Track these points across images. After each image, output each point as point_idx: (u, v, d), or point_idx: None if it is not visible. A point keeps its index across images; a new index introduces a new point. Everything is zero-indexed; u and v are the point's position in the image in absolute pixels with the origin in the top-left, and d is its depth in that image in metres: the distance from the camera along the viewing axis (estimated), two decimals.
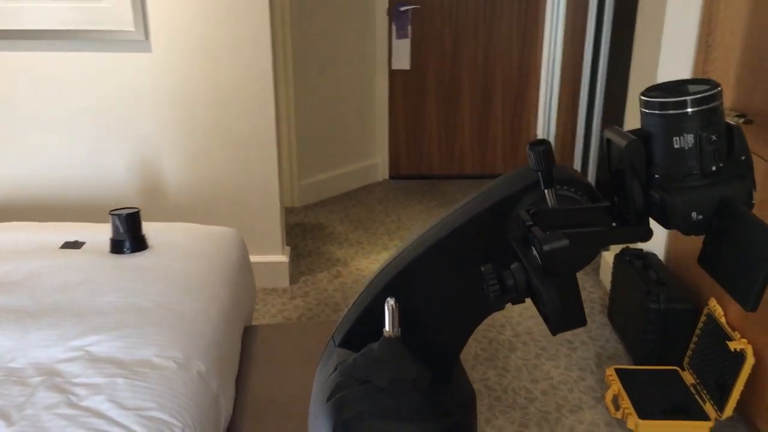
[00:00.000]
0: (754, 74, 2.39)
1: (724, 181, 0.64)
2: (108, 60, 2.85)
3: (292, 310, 3.06)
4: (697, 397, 2.35)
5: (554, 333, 0.66)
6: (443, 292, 0.77)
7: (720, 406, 2.25)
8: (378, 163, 4.59)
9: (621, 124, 3.18)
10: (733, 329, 2.29)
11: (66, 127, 2.94)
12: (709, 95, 0.63)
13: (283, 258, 3.25)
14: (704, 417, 2.27)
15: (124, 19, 2.76)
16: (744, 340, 2.21)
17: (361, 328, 0.77)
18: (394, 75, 4.42)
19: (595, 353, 2.74)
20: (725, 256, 0.63)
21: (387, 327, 0.73)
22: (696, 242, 2.60)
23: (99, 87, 2.89)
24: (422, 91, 4.48)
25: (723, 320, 2.33)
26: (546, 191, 0.70)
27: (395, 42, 4.33)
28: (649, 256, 2.78)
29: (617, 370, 2.47)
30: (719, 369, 2.29)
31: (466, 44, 4.38)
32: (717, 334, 2.34)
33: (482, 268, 0.68)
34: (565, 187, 0.72)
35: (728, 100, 2.54)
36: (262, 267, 3.21)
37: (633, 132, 0.67)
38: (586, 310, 3.00)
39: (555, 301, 0.62)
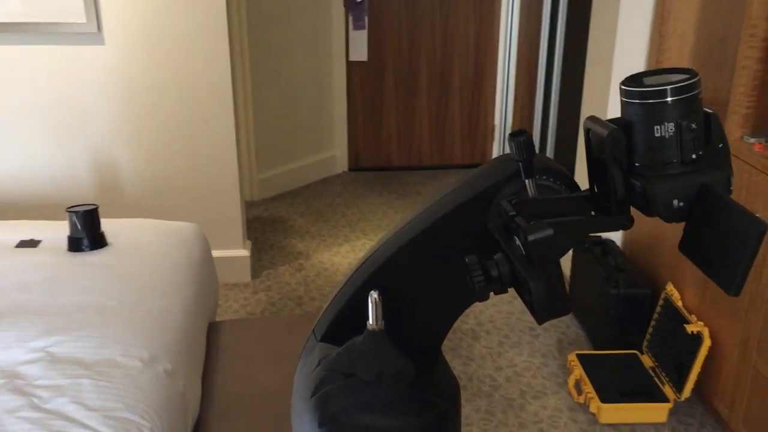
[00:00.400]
0: (705, 64, 2.45)
1: (703, 168, 0.66)
2: (59, 53, 2.77)
3: (255, 305, 3.03)
4: (656, 379, 2.41)
5: (540, 322, 0.66)
6: (426, 284, 0.77)
7: (678, 388, 2.30)
8: (337, 155, 4.58)
9: (577, 113, 3.22)
10: (690, 312, 2.35)
11: (16, 123, 2.86)
12: (689, 84, 0.65)
13: (245, 252, 3.22)
14: (663, 399, 2.33)
15: (75, 11, 2.69)
16: (701, 323, 2.27)
17: (343, 322, 0.76)
18: (351, 66, 4.40)
19: (556, 340, 2.78)
20: (707, 242, 0.65)
21: (370, 320, 0.72)
22: (651, 228, 2.66)
23: (50, 81, 2.81)
24: (380, 83, 4.47)
25: (680, 304, 2.39)
26: (527, 181, 0.71)
27: (352, 33, 4.31)
28: (608, 243, 2.83)
29: (579, 356, 2.51)
30: (677, 352, 2.35)
31: (424, 35, 4.39)
32: (674, 318, 2.40)
33: (466, 259, 0.69)
34: (544, 177, 0.73)
35: None
36: (223, 262, 3.17)
37: (613, 121, 0.68)
38: None
39: (541, 290, 0.62)
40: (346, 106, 4.47)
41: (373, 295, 0.72)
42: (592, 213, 0.70)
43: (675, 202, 0.66)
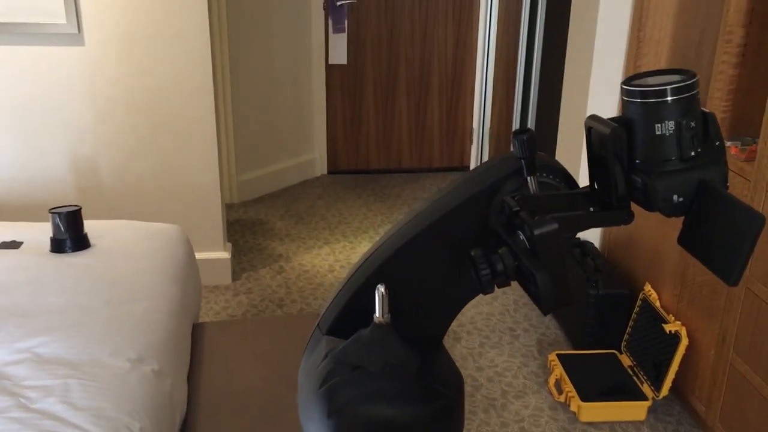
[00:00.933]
0: (683, 64, 2.50)
1: (701, 165, 0.68)
2: (39, 54, 2.74)
3: (236, 307, 3.03)
4: (635, 378, 2.46)
5: (546, 313, 0.68)
6: (431, 277, 0.78)
7: (657, 387, 2.35)
8: (316, 158, 4.58)
9: (556, 116, 3.27)
10: (668, 312, 2.40)
11: None
12: (689, 84, 0.67)
13: (225, 254, 3.21)
14: (642, 397, 2.37)
15: (55, 12, 2.67)
16: (678, 323, 2.32)
17: (349, 315, 0.78)
18: (331, 70, 4.41)
19: (536, 340, 2.82)
20: (706, 235, 0.67)
21: (377, 313, 0.74)
22: (630, 229, 2.71)
23: (30, 82, 2.78)
24: (359, 86, 4.49)
25: (657, 304, 2.44)
26: (528, 178, 0.73)
27: (332, 36, 4.32)
28: (587, 245, 2.87)
29: (559, 356, 2.55)
30: (655, 351, 2.39)
31: (403, 39, 4.42)
32: (652, 318, 2.44)
33: (472, 253, 0.70)
34: (545, 174, 0.75)
35: None
36: (204, 264, 3.16)
37: (613, 120, 0.70)
38: (526, 300, 3.08)
39: (547, 283, 0.64)
40: (326, 109, 4.48)
41: (380, 288, 0.73)
42: (592, 209, 0.73)
43: (675, 197, 0.69)
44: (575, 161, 2.96)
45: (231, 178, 4.05)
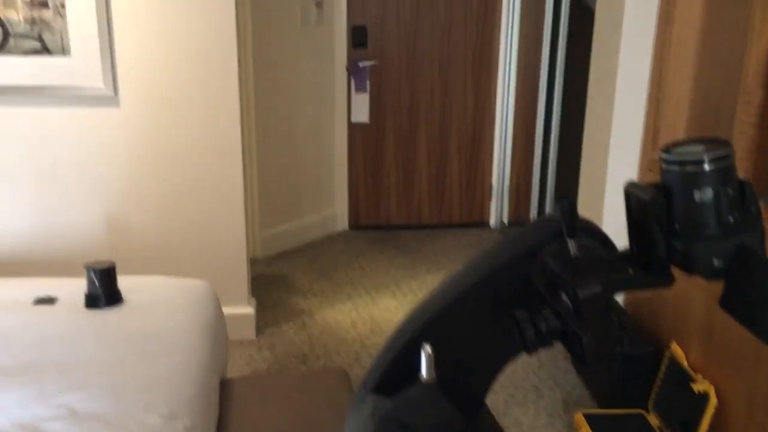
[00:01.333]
0: (701, 129, 2.55)
1: (739, 230, 0.72)
2: (76, 115, 2.84)
3: (261, 362, 3.04)
4: None
5: (590, 368, 0.71)
6: (474, 337, 0.81)
7: None
8: (338, 213, 4.64)
9: (576, 172, 3.30)
10: (695, 371, 2.38)
11: (32, 182, 2.91)
12: (725, 155, 0.71)
13: (249, 310, 3.24)
14: None
15: (93, 75, 2.78)
16: (706, 382, 2.30)
17: (394, 373, 0.80)
18: (353, 128, 4.50)
19: (562, 399, 2.79)
20: (747, 298, 0.70)
21: (424, 372, 0.76)
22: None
23: (66, 142, 2.87)
24: (381, 143, 4.57)
25: (685, 363, 2.42)
26: (569, 240, 0.76)
27: (354, 96, 4.43)
28: (611, 301, 2.87)
29: (585, 416, 2.53)
30: (684, 411, 2.37)
31: (423, 98, 4.51)
32: (680, 376, 2.43)
33: (516, 314, 0.73)
34: (584, 237, 0.78)
35: None
36: (228, 319, 3.17)
37: (652, 185, 0.74)
38: (550, 357, 3.06)
39: (592, 343, 0.67)
40: (347, 166, 4.56)
41: (426, 347, 0.76)
42: (631, 271, 0.76)
43: (714, 261, 0.72)
44: (596, 216, 2.98)
45: (255, 233, 4.11)
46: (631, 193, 0.75)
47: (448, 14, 4.41)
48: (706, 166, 0.70)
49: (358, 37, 4.36)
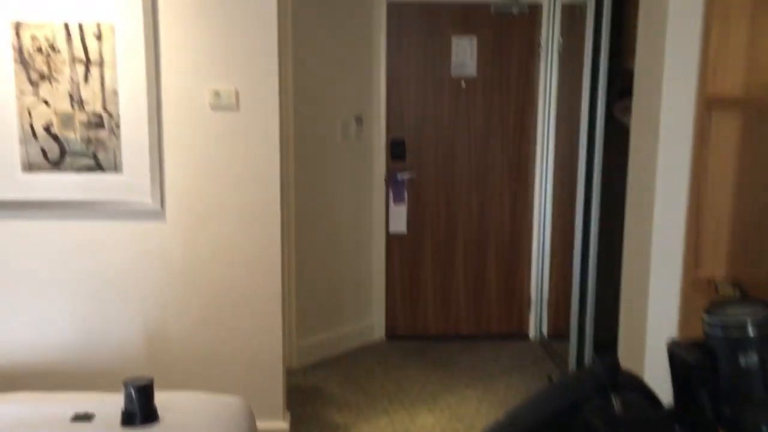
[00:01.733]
0: (741, 251, 2.52)
1: None
2: (124, 228, 2.94)
3: None
4: None
5: None
6: None
7: None
8: (375, 323, 4.62)
9: (617, 287, 3.25)
10: None
11: (75, 293, 2.98)
12: None
13: (284, 425, 3.19)
14: None
15: (142, 191, 2.89)
16: None
17: None
18: (391, 238, 4.55)
19: None
20: None
21: None
22: None
23: (112, 254, 2.96)
24: (418, 254, 4.60)
25: None
26: (612, 395, 0.75)
27: (392, 207, 4.50)
28: None
29: None
30: None
31: (460, 209, 4.57)
32: None
33: None
34: (628, 391, 0.77)
35: (721, 268, 2.65)
36: None
37: (697, 344, 0.73)
38: None
39: None
40: (385, 275, 4.58)
41: None
42: (679, 429, 0.74)
43: (765, 429, 0.70)
44: (638, 337, 2.92)
45: (292, 342, 4.10)
46: (674, 353, 0.74)
47: (486, 128, 4.52)
48: (751, 332, 0.69)
49: (396, 150, 4.48)
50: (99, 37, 2.81)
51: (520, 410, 0.81)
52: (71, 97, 2.83)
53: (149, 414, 2.09)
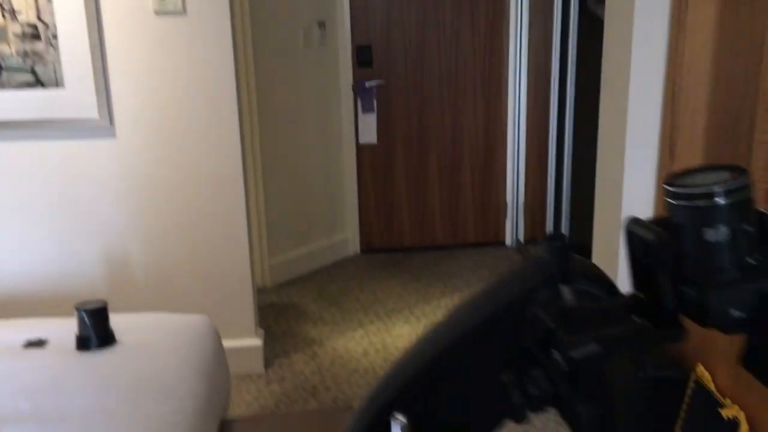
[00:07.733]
0: (719, 141, 2.42)
1: (761, 274, 0.60)
2: (70, 148, 2.78)
3: (269, 397, 2.93)
4: None
5: None
6: (455, 403, 0.70)
7: None
8: (349, 237, 4.54)
9: (591, 185, 3.18)
10: (724, 395, 2.24)
11: (26, 217, 2.84)
12: (741, 185, 0.60)
13: (257, 341, 3.14)
14: None
15: (87, 106, 2.71)
16: (736, 407, 2.16)
17: None
18: (361, 149, 4.41)
19: None
20: None
21: None
22: None
23: (61, 175, 2.81)
24: (390, 164, 4.48)
25: (712, 386, 2.28)
26: (563, 287, 0.65)
27: (361, 116, 4.34)
28: None
29: None
30: None
31: (432, 115, 4.42)
32: (707, 402, 2.28)
33: (502, 378, 0.63)
34: (582, 282, 0.68)
35: (697, 162, 2.57)
36: (235, 352, 3.07)
37: (658, 222, 0.63)
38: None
39: (589, 414, 0.56)
40: (357, 188, 4.47)
41: (400, 418, 0.66)
42: (637, 319, 0.65)
43: (733, 311, 0.60)
44: (614, 232, 2.86)
45: (263, 261, 4.02)
46: (632, 232, 0.64)
47: (455, 30, 4.32)
48: (719, 200, 0.59)
49: (363, 57, 4.28)
50: None
51: (461, 309, 0.72)
52: (2, 6, 2.61)
53: (105, 337, 2.00)
